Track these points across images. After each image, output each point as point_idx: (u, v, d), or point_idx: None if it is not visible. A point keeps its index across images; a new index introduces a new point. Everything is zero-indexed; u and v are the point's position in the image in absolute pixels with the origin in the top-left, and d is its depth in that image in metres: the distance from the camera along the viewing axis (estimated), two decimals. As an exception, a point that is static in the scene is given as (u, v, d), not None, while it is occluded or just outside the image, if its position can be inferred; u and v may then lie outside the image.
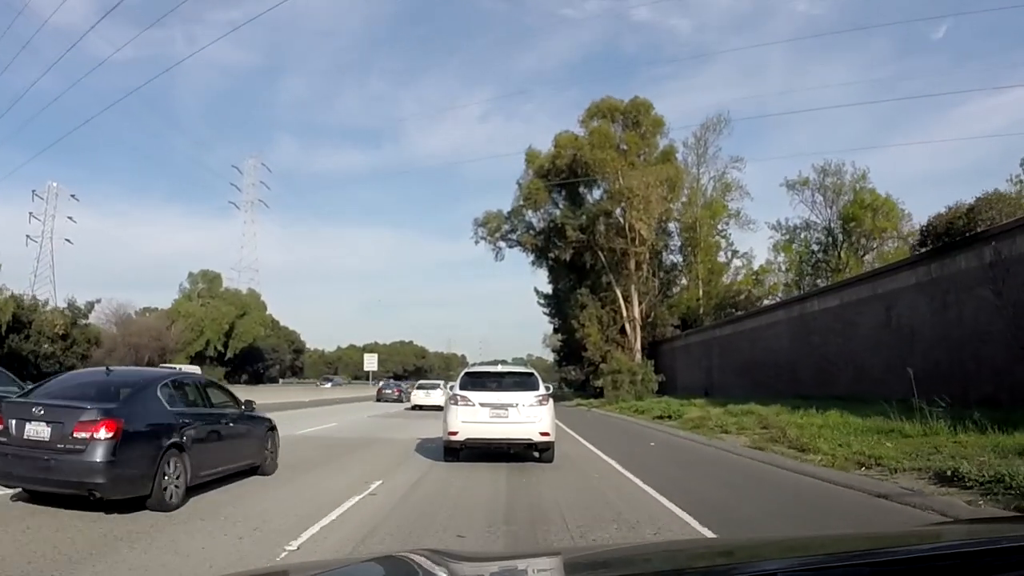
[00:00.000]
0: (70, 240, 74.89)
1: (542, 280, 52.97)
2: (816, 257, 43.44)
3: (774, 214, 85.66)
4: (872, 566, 1.53)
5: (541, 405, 11.08)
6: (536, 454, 11.37)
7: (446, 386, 23.37)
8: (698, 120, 62.52)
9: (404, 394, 39.16)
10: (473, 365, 15.10)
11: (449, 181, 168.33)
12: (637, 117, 41.45)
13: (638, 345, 41.52)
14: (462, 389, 11.28)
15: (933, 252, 18.34)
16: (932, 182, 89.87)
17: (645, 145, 41.77)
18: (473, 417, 10.89)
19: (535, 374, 12.05)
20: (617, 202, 39.88)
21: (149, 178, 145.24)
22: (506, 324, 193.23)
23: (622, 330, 41.75)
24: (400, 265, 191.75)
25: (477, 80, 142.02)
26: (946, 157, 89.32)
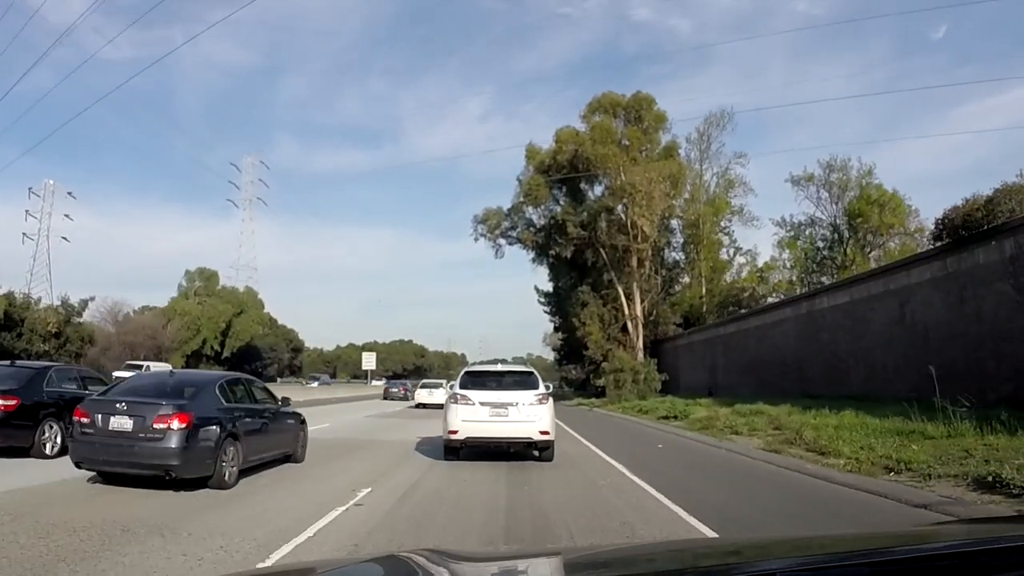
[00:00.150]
0: (67, 238, 74.07)
1: (542, 278, 52.57)
2: (821, 254, 42.72)
3: (778, 210, 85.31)
4: (872, 566, 1.52)
5: (541, 404, 11.15)
6: (536, 453, 11.45)
7: (448, 385, 23.44)
8: (700, 118, 61.71)
9: (410, 392, 40.71)
10: (473, 364, 15.70)
11: (449, 181, 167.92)
12: (639, 112, 40.85)
13: (640, 344, 40.94)
14: (462, 388, 11.37)
15: (949, 246, 17.68)
16: (932, 182, 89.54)
17: (647, 141, 41.18)
18: (473, 416, 10.97)
19: (535, 373, 12.12)
20: (619, 198, 39.31)
21: (148, 178, 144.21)
22: (506, 323, 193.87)
23: (624, 328, 41.19)
24: (400, 265, 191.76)
25: (477, 80, 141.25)
26: (946, 157, 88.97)
